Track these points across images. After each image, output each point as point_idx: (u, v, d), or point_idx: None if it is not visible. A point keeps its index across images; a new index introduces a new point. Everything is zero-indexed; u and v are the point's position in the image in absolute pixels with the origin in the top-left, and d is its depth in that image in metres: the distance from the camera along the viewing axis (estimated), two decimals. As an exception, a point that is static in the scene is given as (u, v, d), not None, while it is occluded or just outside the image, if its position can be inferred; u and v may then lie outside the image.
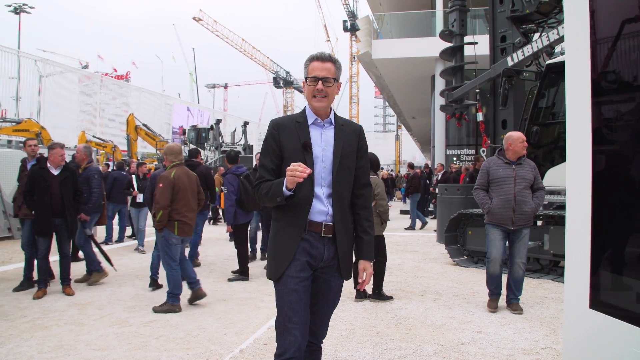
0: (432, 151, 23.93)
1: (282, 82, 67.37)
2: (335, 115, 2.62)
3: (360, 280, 2.64)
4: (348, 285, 5.42)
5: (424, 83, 23.20)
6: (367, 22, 20.24)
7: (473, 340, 4.26)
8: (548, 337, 4.33)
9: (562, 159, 7.28)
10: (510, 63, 8.54)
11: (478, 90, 9.46)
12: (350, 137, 2.58)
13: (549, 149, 7.66)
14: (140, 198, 9.42)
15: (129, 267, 7.92)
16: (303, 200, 2.43)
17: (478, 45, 10.43)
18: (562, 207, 7.24)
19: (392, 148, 65.52)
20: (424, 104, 27.95)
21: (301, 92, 67.30)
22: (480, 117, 9.58)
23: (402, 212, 18.75)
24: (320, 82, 2.47)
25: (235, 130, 26.71)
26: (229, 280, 6.93)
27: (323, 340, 2.71)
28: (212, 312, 5.27)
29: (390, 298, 5.73)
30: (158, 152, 28.03)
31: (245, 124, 26.20)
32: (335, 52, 63.29)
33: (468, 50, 10.59)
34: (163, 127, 41.03)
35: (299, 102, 69.64)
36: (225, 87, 79.58)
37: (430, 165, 25.07)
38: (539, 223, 7.35)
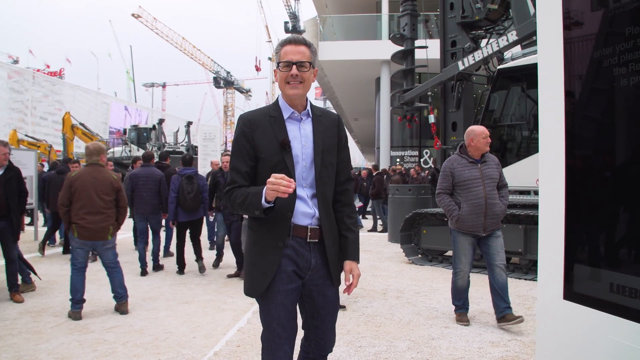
0: (376, 152, 24.33)
1: (223, 82, 66.51)
2: (311, 105, 2.37)
3: (347, 283, 2.36)
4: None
5: (368, 85, 23.59)
6: (313, 24, 20.36)
7: (442, 335, 4.37)
8: (512, 329, 4.49)
9: (513, 159, 7.59)
10: (461, 67, 8.81)
11: (431, 93, 9.70)
12: (329, 129, 2.35)
13: (500, 150, 7.95)
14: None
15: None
16: (284, 206, 2.18)
17: (427, 49, 10.72)
18: (512, 205, 7.53)
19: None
20: (368, 105, 28.43)
21: (242, 92, 66.89)
22: (432, 119, 9.83)
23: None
24: (294, 66, 2.20)
25: (178, 130, 26.12)
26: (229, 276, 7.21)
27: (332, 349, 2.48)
28: (175, 316, 5.12)
29: (342, 307, 5.21)
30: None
31: (189, 124, 25.65)
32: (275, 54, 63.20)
33: (419, 54, 10.85)
34: (100, 126, 39.55)
35: (239, 103, 69.00)
36: (164, 86, 77.64)
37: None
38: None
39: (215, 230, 8.90)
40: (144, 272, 7.36)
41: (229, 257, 8.08)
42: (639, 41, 2.08)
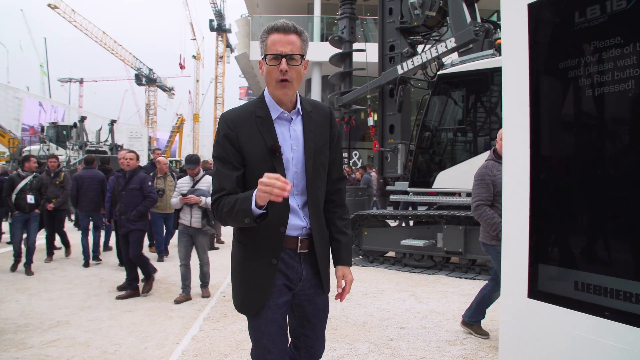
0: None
1: (145, 79, 64.23)
2: (301, 99, 2.13)
3: (339, 290, 2.29)
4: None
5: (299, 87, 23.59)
6: (245, 24, 20.16)
7: (400, 336, 4.44)
8: (464, 328, 4.65)
9: (451, 162, 7.86)
10: (400, 72, 8.99)
11: (370, 96, 9.84)
12: (321, 126, 2.15)
13: (440, 153, 8.21)
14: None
15: (3, 280, 7.05)
16: (277, 220, 2.01)
17: (363, 53, 10.89)
18: (453, 207, 7.80)
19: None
20: (297, 107, 28.39)
21: (165, 90, 64.88)
22: (371, 121, 9.98)
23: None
24: (283, 60, 1.94)
25: (101, 129, 24.94)
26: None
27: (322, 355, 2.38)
28: (120, 326, 4.87)
29: None
30: (10, 150, 25.36)
31: (112, 122, 24.57)
32: (201, 52, 61.93)
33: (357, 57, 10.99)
34: (11, 123, 36.97)
35: (161, 102, 67.02)
36: (81, 82, 73.86)
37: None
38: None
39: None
40: (86, 264, 8.10)
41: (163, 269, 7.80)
42: (604, 54, 2.21)
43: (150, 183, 6.47)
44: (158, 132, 54.93)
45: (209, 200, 5.67)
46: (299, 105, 2.10)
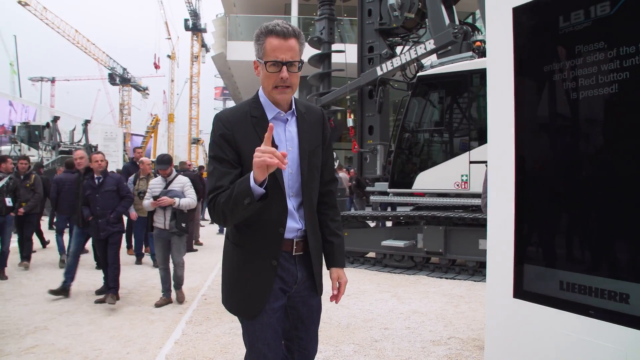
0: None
1: (119, 79, 63.27)
2: (295, 101, 2.12)
3: (334, 292, 2.27)
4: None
5: (275, 87, 23.56)
6: (222, 23, 20.01)
7: (384, 337, 4.46)
8: (447, 328, 4.69)
9: (431, 163, 7.93)
10: (379, 73, 9.04)
11: (349, 97, 9.86)
12: (314, 127, 2.14)
13: (419, 154, 8.28)
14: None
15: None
16: (276, 221, 2.00)
17: (341, 54, 10.92)
18: (433, 208, 7.87)
19: (232, 151, 65.47)
20: (274, 107, 28.33)
21: (139, 90, 63.99)
22: (350, 122, 10.00)
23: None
24: (284, 67, 1.91)
25: (74, 129, 24.49)
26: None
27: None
28: (101, 330, 4.78)
29: None
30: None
31: (86, 122, 24.12)
32: (176, 51, 61.24)
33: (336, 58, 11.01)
34: (-20, 123, 36.13)
35: (135, 101, 65.97)
36: (53, 81, 72.40)
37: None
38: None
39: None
40: (62, 262, 8.09)
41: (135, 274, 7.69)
42: (588, 58, 2.26)
43: (125, 183, 6.32)
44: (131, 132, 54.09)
45: (182, 201, 5.61)
46: (294, 107, 2.09)
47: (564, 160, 2.42)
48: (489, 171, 2.76)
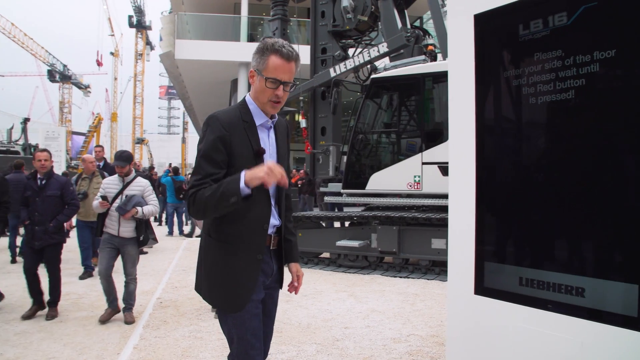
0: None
1: (59, 76, 60.89)
2: None
3: (295, 284, 2.44)
4: (186, 294, 5.15)
5: (223, 87, 23.36)
6: (170, 21, 19.60)
7: (345, 336, 4.51)
8: (406, 325, 4.80)
9: (384, 164, 8.07)
10: (332, 74, 9.12)
11: (302, 98, 9.90)
12: (283, 135, 2.35)
13: (373, 155, 8.41)
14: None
15: None
16: (261, 217, 2.14)
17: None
18: (385, 208, 8.01)
19: (178, 150, 64.37)
20: (221, 107, 27.87)
21: (80, 88, 61.80)
22: (303, 123, 10.03)
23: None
24: (281, 86, 2.09)
25: (12, 127, 23.35)
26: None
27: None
28: (53, 338, 4.59)
29: None
30: None
31: (26, 120, 23.05)
32: (119, 48, 59.47)
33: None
34: None
35: (76, 99, 63.64)
36: (-15, 76, 68.76)
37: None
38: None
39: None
40: (13, 260, 8.43)
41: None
42: (546, 65, 2.38)
43: (72, 188, 5.73)
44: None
45: (146, 209, 5.06)
46: (276, 117, 2.25)
47: (522, 162, 2.54)
48: (450, 172, 2.86)
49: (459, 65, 2.78)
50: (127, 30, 59.15)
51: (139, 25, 55.63)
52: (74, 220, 7.13)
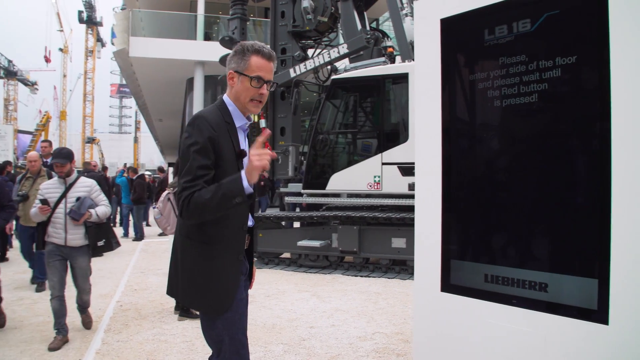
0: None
1: (4, 72, 58.38)
2: None
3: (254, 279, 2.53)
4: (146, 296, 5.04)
5: (178, 86, 23.02)
6: (124, 18, 19.10)
7: (311, 335, 4.53)
8: (370, 324, 4.86)
9: (344, 165, 8.13)
10: (292, 75, 9.13)
11: (263, 97, 9.86)
12: (246, 138, 2.36)
13: (333, 156, 8.47)
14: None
15: None
16: (241, 220, 2.15)
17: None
18: (347, 208, 8.08)
19: (130, 150, 62.95)
20: (175, 106, 27.64)
21: (26, 85, 59.47)
22: (263, 123, 10.00)
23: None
24: (265, 85, 2.11)
25: (-47, 126, 22.28)
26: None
27: None
28: (8, 345, 4.39)
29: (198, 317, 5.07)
30: None
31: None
32: (69, 45, 57.57)
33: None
34: None
35: (22, 97, 61.18)
36: None
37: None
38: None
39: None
40: None
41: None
42: (510, 69, 2.48)
43: (7, 189, 5.16)
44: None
45: (99, 210, 4.46)
46: (252, 119, 2.28)
47: (486, 163, 2.63)
48: (416, 172, 2.93)
49: (425, 69, 2.85)
50: (77, 26, 57.24)
51: (90, 21, 54.08)
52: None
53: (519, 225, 2.45)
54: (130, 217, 12.99)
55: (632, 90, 1.96)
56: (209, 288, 2.10)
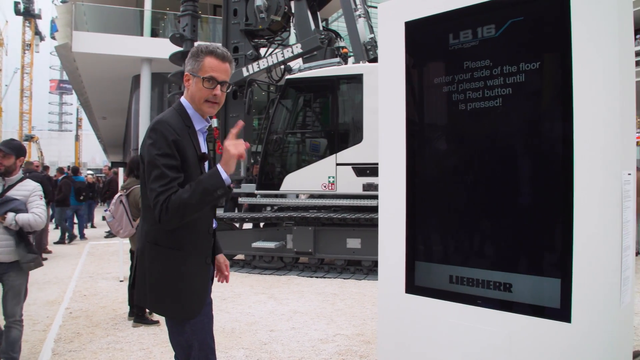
0: (132, 154, 23.11)
1: None
2: None
3: (226, 273, 2.57)
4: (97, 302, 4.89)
5: (123, 83, 22.42)
6: (66, 11, 18.36)
7: (272, 339, 4.47)
8: (330, 326, 4.85)
9: (298, 165, 8.10)
10: (245, 74, 9.03)
11: (214, 96, 9.70)
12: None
13: (286, 156, 8.41)
14: None
15: None
16: (207, 223, 2.16)
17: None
18: (301, 208, 8.04)
19: (71, 149, 60.79)
20: (120, 104, 26.92)
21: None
22: (215, 123, 9.82)
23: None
24: (219, 86, 2.11)
25: None
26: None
27: None
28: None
29: (156, 322, 4.95)
30: None
31: None
32: (4, 37, 54.79)
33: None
34: None
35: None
36: None
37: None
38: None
39: None
40: None
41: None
42: (475, 74, 2.52)
43: None
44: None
45: (21, 217, 3.49)
46: (210, 121, 2.28)
47: (451, 165, 2.66)
48: (380, 175, 2.93)
49: (390, 71, 2.86)
50: (13, 18, 54.53)
51: (27, 13, 51.59)
52: None
53: (483, 226, 2.50)
54: (76, 219, 12.46)
55: (593, 94, 2.03)
56: (179, 293, 2.07)
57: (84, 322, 5.07)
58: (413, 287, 2.74)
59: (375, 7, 15.84)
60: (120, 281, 7.02)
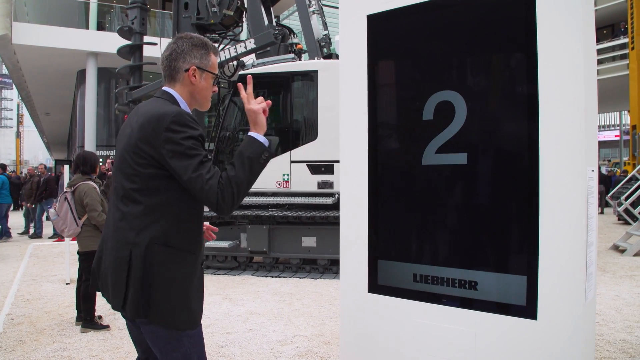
0: (77, 152, 22.29)
1: None
2: None
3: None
4: (41, 307, 4.89)
5: (68, 77, 21.62)
6: (6, 0, 17.46)
7: (229, 342, 4.32)
8: (288, 326, 4.74)
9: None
10: (197, 69, 8.77)
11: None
12: None
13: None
14: None
15: None
16: (201, 225, 2.00)
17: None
18: (256, 207, 7.89)
19: (12, 146, 58.29)
20: (64, 100, 25.95)
21: None
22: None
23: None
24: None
25: None
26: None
27: None
28: None
29: (106, 327, 4.73)
30: None
31: None
32: None
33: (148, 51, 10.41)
34: None
35: None
36: None
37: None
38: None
39: None
40: None
41: None
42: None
43: None
44: None
45: None
46: None
47: (413, 162, 2.60)
48: (341, 172, 2.86)
49: (351, 66, 2.78)
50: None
51: (-40, 3, 48.94)
52: None
53: (448, 224, 2.46)
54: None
55: (558, 92, 2.02)
56: (190, 301, 1.84)
57: (27, 328, 4.75)
58: (376, 286, 2.68)
59: (331, 7, 15.84)
60: (67, 284, 6.67)
